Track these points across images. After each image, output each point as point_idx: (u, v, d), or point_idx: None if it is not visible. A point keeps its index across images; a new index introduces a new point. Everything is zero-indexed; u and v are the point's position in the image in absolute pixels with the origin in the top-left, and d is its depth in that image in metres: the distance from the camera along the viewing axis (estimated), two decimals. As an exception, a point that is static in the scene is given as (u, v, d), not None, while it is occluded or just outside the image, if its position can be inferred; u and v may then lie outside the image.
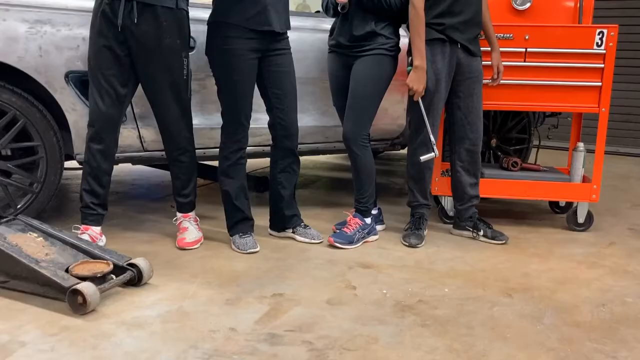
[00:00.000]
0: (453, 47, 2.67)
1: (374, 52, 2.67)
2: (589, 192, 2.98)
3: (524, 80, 2.93)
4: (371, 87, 2.68)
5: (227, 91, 2.55)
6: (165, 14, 2.39)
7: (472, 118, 2.77)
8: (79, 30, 2.61)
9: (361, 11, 2.66)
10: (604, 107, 2.91)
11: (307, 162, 4.86)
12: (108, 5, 2.37)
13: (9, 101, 2.57)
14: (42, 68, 2.58)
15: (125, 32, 2.38)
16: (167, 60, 2.45)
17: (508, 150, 3.62)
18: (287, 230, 2.81)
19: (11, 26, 2.51)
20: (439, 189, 3.07)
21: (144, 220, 3.06)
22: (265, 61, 2.59)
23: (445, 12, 2.63)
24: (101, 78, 2.42)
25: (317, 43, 3.14)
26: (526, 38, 2.90)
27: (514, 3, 3.24)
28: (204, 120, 2.94)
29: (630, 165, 5.00)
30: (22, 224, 2.29)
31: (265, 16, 2.49)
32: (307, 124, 3.19)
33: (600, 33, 2.86)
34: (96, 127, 2.46)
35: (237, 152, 2.62)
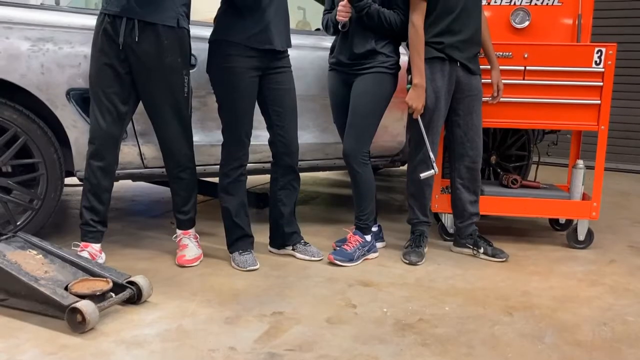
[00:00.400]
0: (452, 66, 2.69)
1: (374, 70, 2.69)
2: (589, 210, 2.98)
3: (524, 98, 2.94)
4: (371, 105, 2.69)
5: (227, 109, 2.57)
6: (166, 32, 2.41)
7: (472, 136, 2.78)
8: (81, 48, 2.63)
9: (361, 29, 2.68)
10: (603, 124, 2.92)
11: (307, 178, 4.87)
12: (110, 24, 2.39)
13: (11, 118, 2.58)
14: (43, 85, 2.59)
15: (127, 50, 2.39)
16: (168, 78, 2.47)
17: (508, 167, 3.62)
18: (287, 248, 2.80)
19: (14, 44, 2.53)
20: (439, 206, 3.07)
21: (144, 237, 3.06)
22: (265, 79, 2.60)
23: (444, 31, 2.65)
24: (102, 96, 2.43)
25: (317, 61, 3.16)
26: (525, 56, 2.92)
27: (513, 21, 3.27)
28: (204, 137, 2.95)
29: (630, 182, 5.00)
30: (22, 241, 2.29)
31: (266, 35, 2.51)
32: (308, 141, 3.20)
33: (599, 51, 2.87)
34: (97, 145, 2.47)
35: (237, 169, 2.62)
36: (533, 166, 3.61)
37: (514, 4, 3.28)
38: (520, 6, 3.27)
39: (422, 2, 2.61)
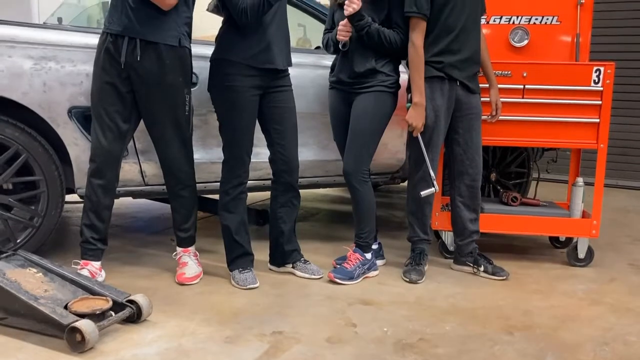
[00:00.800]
0: (452, 85, 2.71)
1: (374, 89, 2.70)
2: (589, 228, 2.98)
3: (523, 117, 2.96)
4: (371, 124, 2.70)
5: (228, 127, 2.58)
6: (168, 51, 2.43)
7: (472, 154, 2.79)
8: (83, 66, 2.65)
9: (362, 48, 2.70)
10: (602, 143, 2.93)
11: (307, 195, 4.87)
12: (112, 43, 2.41)
13: (12, 136, 2.59)
14: (45, 103, 2.61)
15: (128, 69, 2.41)
16: (170, 97, 2.48)
17: (507, 184, 3.63)
18: (287, 265, 2.80)
19: (17, 62, 2.55)
20: (439, 223, 3.08)
21: (144, 254, 3.06)
22: (266, 97, 2.62)
23: (444, 50, 2.67)
24: (104, 114, 2.44)
25: (318, 79, 3.17)
26: (524, 75, 2.94)
27: (512, 40, 3.29)
28: (204, 155, 2.96)
29: (630, 199, 5.00)
30: (22, 259, 2.29)
31: (268, 54, 2.53)
32: (308, 158, 3.21)
33: (597, 70, 2.89)
34: (98, 163, 2.48)
35: (237, 187, 2.63)
36: (533, 183, 3.61)
37: (513, 22, 3.31)
38: (519, 25, 3.30)
39: (421, 22, 2.63)
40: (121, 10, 2.40)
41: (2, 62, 2.53)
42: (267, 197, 2.96)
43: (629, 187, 5.44)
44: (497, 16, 3.30)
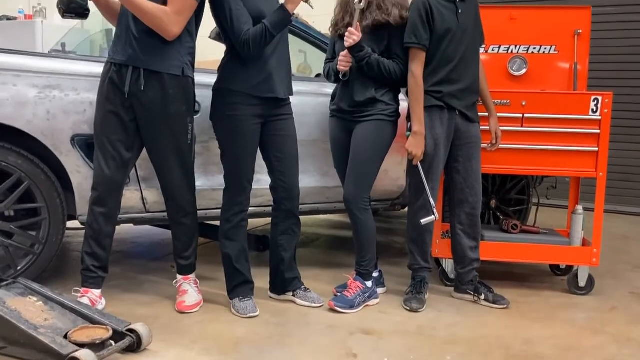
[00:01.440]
0: (451, 114, 2.73)
1: (374, 118, 2.73)
2: (590, 256, 2.98)
3: (522, 145, 2.98)
4: (371, 152, 2.73)
5: (230, 155, 2.60)
6: (171, 81, 2.46)
7: (471, 182, 2.81)
8: (87, 94, 2.68)
9: (362, 78, 2.74)
10: (601, 171, 2.95)
11: (307, 220, 4.86)
12: (116, 73, 2.44)
13: (15, 163, 2.61)
14: (49, 131, 2.64)
15: (132, 99, 2.44)
16: (173, 126, 2.50)
17: (507, 211, 3.64)
18: (288, 293, 2.80)
19: (21, 91, 2.58)
20: (439, 251, 3.08)
21: (144, 281, 3.05)
22: (268, 126, 2.64)
23: (443, 80, 2.70)
24: (107, 143, 2.47)
25: (319, 107, 3.20)
26: (523, 104, 2.97)
27: (511, 69, 3.34)
28: (206, 182, 2.98)
29: (630, 225, 5.00)
30: (22, 288, 2.29)
31: (269, 84, 2.56)
32: (308, 185, 3.22)
33: (596, 100, 2.92)
34: (100, 191, 2.49)
35: (238, 215, 2.64)
36: (533, 208, 3.62)
37: (512, 52, 3.36)
38: (517, 54, 3.35)
39: (421, 52, 2.67)
40: (125, 41, 2.44)
41: (7, 90, 2.56)
42: (268, 222, 2.97)
43: (628, 212, 5.44)
44: (495, 45, 3.36)
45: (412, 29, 2.66)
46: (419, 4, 2.66)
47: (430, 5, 2.66)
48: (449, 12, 2.69)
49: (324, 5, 3.17)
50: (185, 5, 2.39)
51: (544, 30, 3.33)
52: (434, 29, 2.66)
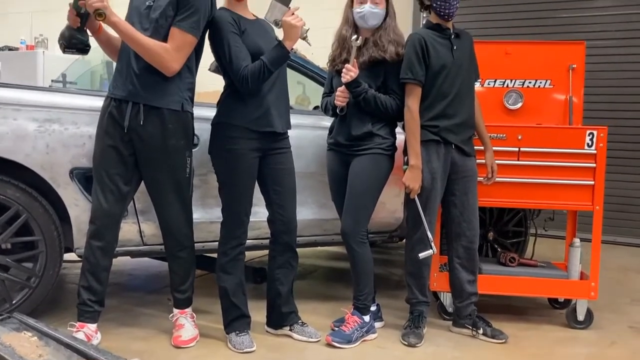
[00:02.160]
0: (448, 148, 2.76)
1: (371, 152, 2.75)
2: (588, 290, 2.98)
3: (519, 179, 3.00)
4: (369, 186, 2.74)
5: (228, 189, 2.61)
6: (171, 116, 2.48)
7: (468, 215, 2.82)
8: (86, 128, 2.70)
9: (359, 113, 2.77)
10: (597, 205, 2.96)
11: (305, 251, 4.84)
12: (115, 108, 2.46)
13: (13, 196, 2.62)
14: (47, 165, 2.65)
15: (131, 133, 2.46)
16: (171, 160, 2.52)
17: (505, 243, 3.63)
18: (285, 328, 2.78)
19: (21, 125, 2.61)
20: (437, 284, 3.07)
21: (140, 315, 3.03)
22: (266, 159, 2.66)
23: (439, 115, 2.73)
24: (105, 177, 2.48)
25: (316, 139, 3.23)
26: (519, 138, 2.99)
27: (507, 103, 3.38)
28: (204, 215, 2.98)
29: (628, 257, 5.00)
30: (17, 323, 2.27)
31: (268, 118, 2.58)
32: (306, 217, 3.22)
33: (591, 134, 2.95)
34: (97, 225, 2.49)
35: (236, 248, 2.64)
36: (531, 239, 3.61)
37: (507, 86, 3.40)
38: (513, 88, 3.39)
39: (417, 88, 2.71)
40: (126, 76, 2.47)
41: (7, 124, 2.58)
42: (265, 253, 2.97)
43: (627, 243, 5.44)
44: (491, 79, 3.40)
45: (408, 64, 2.70)
46: (415, 40, 2.71)
47: (425, 42, 2.70)
48: (444, 48, 2.74)
49: (321, 38, 3.22)
50: (185, 42, 2.42)
51: (538, 65, 3.38)
52: (429, 64, 2.70)
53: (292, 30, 2.47)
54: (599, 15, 5.51)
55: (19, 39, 7.49)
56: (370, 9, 2.71)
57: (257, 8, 2.70)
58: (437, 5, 2.70)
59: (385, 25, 2.75)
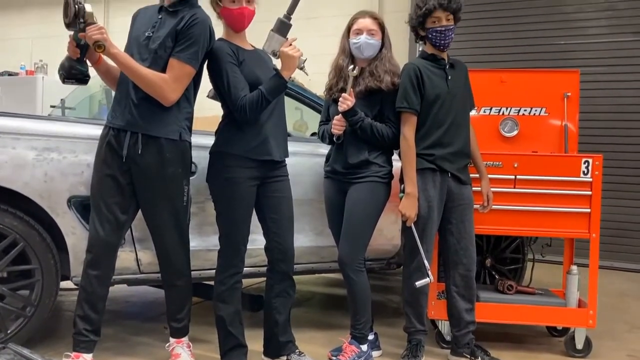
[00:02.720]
0: (444, 176, 2.77)
1: (368, 180, 2.77)
2: (586, 318, 2.97)
3: (515, 206, 3.01)
4: (366, 214, 2.75)
5: (225, 217, 2.62)
6: (169, 145, 2.49)
7: (465, 244, 2.82)
8: (85, 156, 2.71)
9: (355, 141, 2.79)
10: (594, 232, 2.97)
11: (302, 278, 4.82)
12: (114, 137, 2.48)
13: (11, 225, 2.62)
14: (45, 193, 2.65)
15: (129, 163, 2.47)
16: (169, 189, 2.53)
17: (503, 270, 3.63)
18: (282, 357, 2.76)
19: (20, 154, 2.62)
20: (435, 312, 3.06)
21: (137, 344, 3.01)
22: (263, 187, 2.67)
23: (435, 143, 2.75)
24: (103, 205, 2.48)
25: (314, 167, 3.24)
26: (515, 166, 3.01)
27: (502, 130, 3.41)
28: (201, 242, 2.98)
29: (626, 282, 4.99)
30: (12, 354, 2.27)
31: (266, 147, 2.60)
32: (303, 244, 3.22)
33: (586, 162, 2.97)
34: (94, 253, 2.49)
35: (233, 277, 2.63)
36: (529, 264, 3.61)
37: (503, 113, 3.44)
38: (508, 116, 3.43)
39: (412, 116, 2.74)
40: (124, 106, 2.49)
41: (6, 153, 2.60)
42: (262, 280, 2.96)
43: (624, 269, 5.44)
44: (487, 107, 3.44)
45: (404, 94, 2.73)
46: (410, 70, 2.75)
47: (420, 72, 2.74)
48: (439, 78, 2.77)
49: (318, 65, 3.27)
50: (183, 72, 2.45)
51: (533, 93, 3.43)
52: (424, 94, 2.73)
53: (290, 60, 2.51)
54: (593, 42, 5.59)
55: (19, 65, 7.56)
56: (366, 39, 2.75)
57: (255, 38, 2.74)
58: (432, 36, 2.74)
59: (381, 56, 2.79)
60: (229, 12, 2.56)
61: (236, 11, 2.54)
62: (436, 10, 2.70)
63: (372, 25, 2.78)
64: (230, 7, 2.55)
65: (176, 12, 2.50)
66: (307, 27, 5.78)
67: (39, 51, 8.02)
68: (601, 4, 5.59)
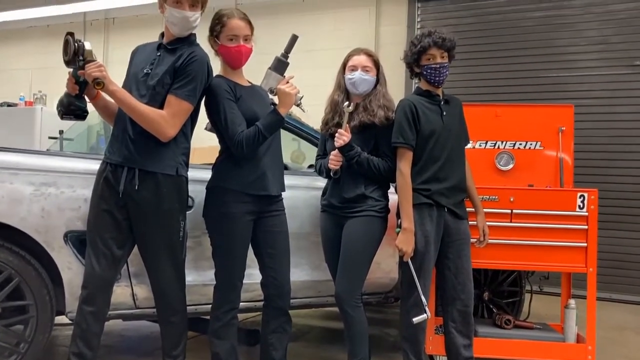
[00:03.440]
0: (440, 211, 2.78)
1: (365, 214, 2.77)
2: (585, 354, 2.95)
3: (512, 240, 3.02)
4: (362, 248, 2.75)
5: (222, 253, 2.61)
6: (165, 180, 2.50)
7: (463, 279, 2.81)
8: (82, 191, 2.72)
9: (352, 175, 2.80)
10: (591, 267, 2.97)
11: (299, 311, 4.78)
12: (111, 172, 2.49)
13: (6, 260, 2.61)
14: (42, 228, 2.65)
15: (126, 198, 2.47)
16: (165, 223, 2.53)
17: (501, 303, 3.61)
18: (279, 394, 2.73)
19: (18, 189, 2.62)
20: (432, 348, 3.03)
21: (131, 380, 2.97)
22: (260, 222, 2.67)
23: (431, 178, 2.77)
24: (99, 241, 2.48)
25: (311, 200, 3.24)
26: (511, 200, 3.03)
27: (498, 164, 3.44)
28: (197, 277, 2.96)
29: (625, 315, 4.96)
30: (5, 392, 2.23)
31: (263, 182, 2.61)
32: (300, 279, 3.20)
33: (582, 196, 2.99)
34: (89, 289, 2.48)
35: (229, 313, 2.62)
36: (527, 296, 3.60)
37: (498, 147, 3.47)
38: (504, 150, 3.46)
39: (408, 152, 2.76)
40: (122, 141, 2.50)
41: (4, 188, 2.60)
42: (259, 313, 2.93)
43: (622, 301, 5.42)
44: (482, 141, 3.47)
45: (399, 129, 2.75)
46: (405, 106, 2.78)
47: (415, 107, 2.77)
48: (434, 114, 2.80)
49: (315, 96, 3.31)
50: (181, 109, 2.47)
51: (528, 127, 3.46)
52: (419, 129, 2.76)
53: (287, 97, 2.54)
54: (586, 75, 5.66)
55: (18, 95, 7.61)
56: (361, 75, 2.79)
57: (253, 73, 2.77)
58: (427, 73, 2.79)
59: (375, 91, 2.83)
60: (227, 50, 2.60)
61: (234, 49, 2.58)
62: (431, 48, 2.74)
63: (367, 62, 2.82)
64: (228, 45, 2.59)
65: (175, 50, 2.53)
66: (305, 60, 5.84)
67: (38, 82, 8.09)
68: (594, 37, 5.67)
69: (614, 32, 5.58)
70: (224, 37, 2.59)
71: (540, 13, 5.81)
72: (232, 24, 2.58)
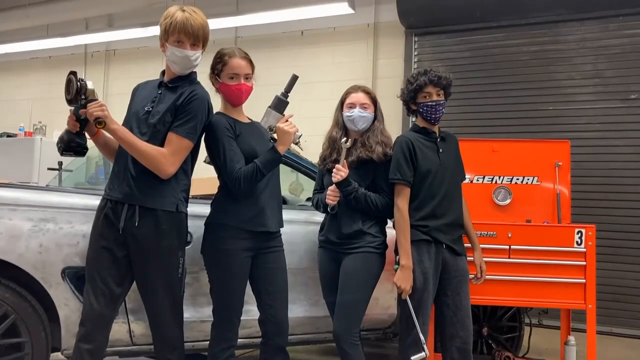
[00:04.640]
0: (438, 247, 2.79)
1: (362, 250, 2.77)
2: (585, 392, 2.92)
3: (510, 276, 3.01)
4: (360, 285, 2.74)
5: (220, 290, 2.60)
6: (165, 217, 2.50)
7: (461, 316, 2.80)
8: (81, 226, 2.72)
9: (349, 211, 2.81)
10: (590, 303, 2.96)
11: (297, 347, 4.74)
12: (111, 209, 2.49)
13: (3, 297, 2.59)
14: (40, 264, 2.64)
15: (126, 235, 2.47)
16: (164, 260, 2.52)
17: (500, 339, 3.59)
18: None
19: (16, 225, 2.62)
20: (432, 385, 3.00)
21: (126, 419, 2.92)
22: (258, 259, 2.67)
23: (429, 215, 2.78)
24: (98, 278, 2.47)
25: (309, 235, 3.24)
26: (509, 236, 3.04)
27: (496, 199, 3.45)
28: (194, 313, 2.94)
29: (626, 350, 4.91)
30: None
31: (261, 218, 2.62)
32: (298, 315, 3.18)
33: (579, 232, 3.00)
34: (87, 327, 2.45)
35: (226, 351, 2.60)
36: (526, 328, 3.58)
37: (496, 182, 3.50)
38: (501, 185, 3.48)
39: (405, 188, 2.77)
40: (122, 178, 2.51)
41: (2, 224, 2.60)
42: (256, 348, 2.90)
43: (623, 334, 5.37)
44: (480, 176, 3.50)
45: (396, 165, 2.78)
46: (402, 143, 2.81)
47: (412, 144, 2.80)
48: (431, 151, 2.83)
49: (314, 127, 3.34)
50: (181, 146, 2.49)
51: (525, 162, 3.50)
52: (417, 166, 2.78)
53: (285, 136, 2.56)
54: (582, 108, 5.72)
55: (17, 126, 7.66)
56: (359, 113, 2.83)
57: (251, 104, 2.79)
58: (423, 110, 2.82)
59: (373, 128, 2.86)
60: (228, 88, 2.63)
61: (235, 87, 2.62)
62: (427, 86, 2.79)
63: (365, 99, 2.86)
64: (228, 83, 2.62)
65: (176, 88, 2.56)
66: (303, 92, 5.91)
67: (38, 113, 8.15)
68: (588, 71, 5.74)
69: (608, 66, 5.65)
70: (225, 76, 2.62)
71: (536, 47, 5.89)
72: (233, 63, 2.62)
